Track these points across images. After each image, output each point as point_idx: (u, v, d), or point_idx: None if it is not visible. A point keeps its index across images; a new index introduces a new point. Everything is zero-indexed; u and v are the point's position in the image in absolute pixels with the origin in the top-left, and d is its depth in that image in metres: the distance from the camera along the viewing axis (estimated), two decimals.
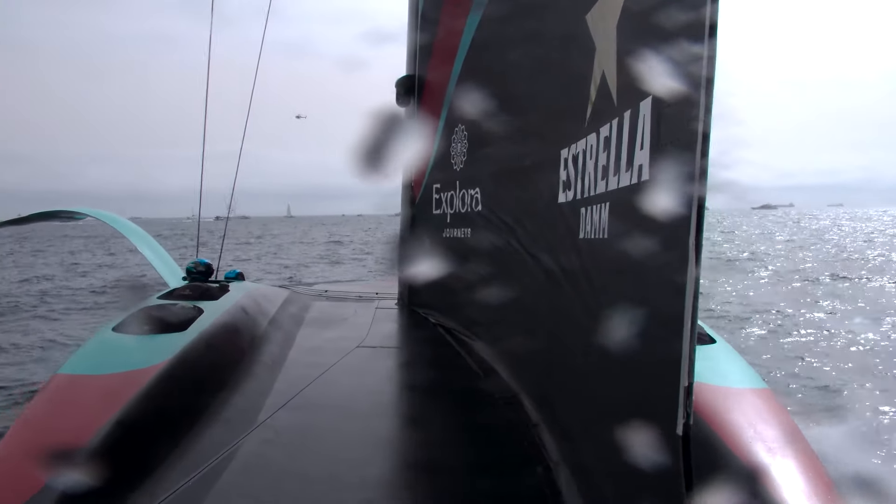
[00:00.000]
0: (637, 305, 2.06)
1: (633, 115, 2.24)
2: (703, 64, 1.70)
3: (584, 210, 2.74)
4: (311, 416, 3.65)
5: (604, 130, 2.56)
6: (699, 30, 1.72)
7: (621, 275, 2.35)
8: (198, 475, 2.79)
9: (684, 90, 1.79)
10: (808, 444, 3.37)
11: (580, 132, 2.84)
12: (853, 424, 7.47)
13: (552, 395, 3.24)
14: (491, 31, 4.82)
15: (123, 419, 3.07)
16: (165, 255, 7.49)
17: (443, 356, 5.11)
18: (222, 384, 3.93)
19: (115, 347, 4.00)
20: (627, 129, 2.29)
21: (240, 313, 5.29)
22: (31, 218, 8.37)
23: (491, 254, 4.51)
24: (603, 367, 2.48)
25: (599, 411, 2.55)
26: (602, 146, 2.57)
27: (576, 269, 2.86)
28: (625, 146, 2.31)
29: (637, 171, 2.17)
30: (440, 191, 6.13)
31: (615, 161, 2.41)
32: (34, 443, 2.94)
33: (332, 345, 5.21)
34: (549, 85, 3.48)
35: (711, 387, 3.65)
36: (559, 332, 3.10)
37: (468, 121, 5.32)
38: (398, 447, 3.51)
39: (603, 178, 2.54)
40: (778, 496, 2.69)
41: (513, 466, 3.01)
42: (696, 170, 1.71)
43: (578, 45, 2.82)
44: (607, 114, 2.51)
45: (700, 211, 1.72)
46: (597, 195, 2.61)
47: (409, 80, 6.78)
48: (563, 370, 3.08)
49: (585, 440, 2.72)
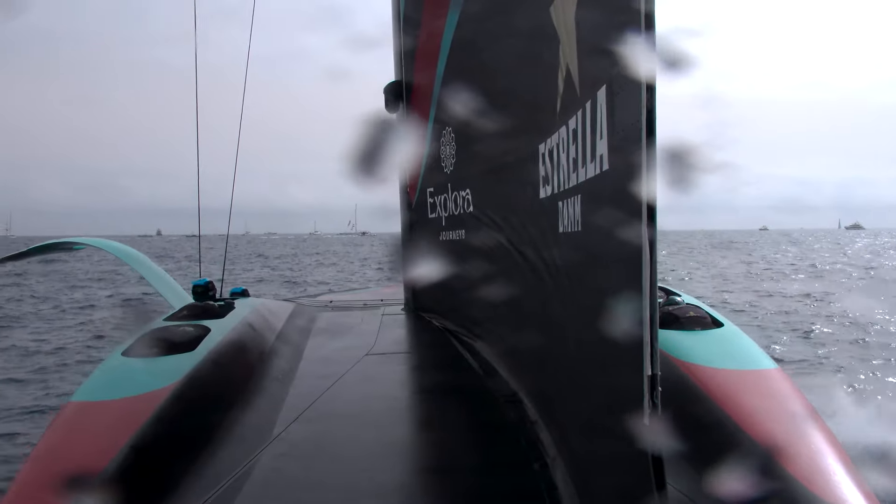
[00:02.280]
0: (606, 298, 2.04)
1: (592, 105, 2.22)
2: (643, 51, 1.69)
3: (562, 204, 2.73)
4: (325, 426, 3.65)
5: (572, 123, 2.54)
6: (646, 17, 1.71)
7: (593, 268, 2.33)
8: (216, 493, 2.81)
9: (631, 77, 1.78)
10: (824, 421, 3.32)
11: (553, 126, 2.82)
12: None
13: (546, 391, 3.23)
14: (469, 29, 4.82)
15: (139, 442, 3.10)
16: (168, 277, 7.56)
17: (449, 359, 5.10)
18: (234, 401, 3.95)
19: (126, 372, 4.03)
20: (589, 119, 2.27)
21: (247, 330, 5.32)
22: (31, 252, 8.42)
23: (484, 254, 4.50)
24: (582, 361, 2.46)
25: (581, 405, 2.54)
26: (571, 138, 2.55)
27: (557, 264, 2.84)
28: (588, 137, 2.29)
29: (599, 161, 2.15)
30: (434, 194, 6.13)
31: (583, 153, 2.39)
32: (51, 471, 2.96)
33: (340, 354, 5.22)
34: (523, 80, 3.46)
35: (721, 370, 3.61)
36: (547, 329, 3.08)
37: (454, 122, 5.31)
38: (413, 453, 3.50)
39: (574, 171, 2.52)
40: (796, 476, 2.66)
41: (517, 466, 3.00)
42: (644, 160, 1.69)
43: (545, 38, 2.81)
44: (574, 105, 2.49)
45: (651, 197, 1.70)
46: (570, 188, 2.59)
47: (396, 86, 6.79)
48: (553, 366, 3.07)
49: (573, 435, 2.70)
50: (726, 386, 3.43)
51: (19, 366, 10.56)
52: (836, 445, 2.99)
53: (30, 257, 8.66)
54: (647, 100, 1.69)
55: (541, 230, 3.15)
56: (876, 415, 6.86)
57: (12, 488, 2.99)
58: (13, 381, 9.39)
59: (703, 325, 4.19)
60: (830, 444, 2.98)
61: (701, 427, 3.17)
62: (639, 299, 1.72)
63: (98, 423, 3.43)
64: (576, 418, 2.62)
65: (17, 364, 10.69)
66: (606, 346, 2.05)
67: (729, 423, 3.07)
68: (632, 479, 1.86)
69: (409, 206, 7.04)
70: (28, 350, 11.93)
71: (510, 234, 3.88)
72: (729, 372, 3.60)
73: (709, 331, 4.16)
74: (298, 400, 4.03)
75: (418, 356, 5.75)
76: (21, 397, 8.50)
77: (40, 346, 12.38)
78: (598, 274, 2.25)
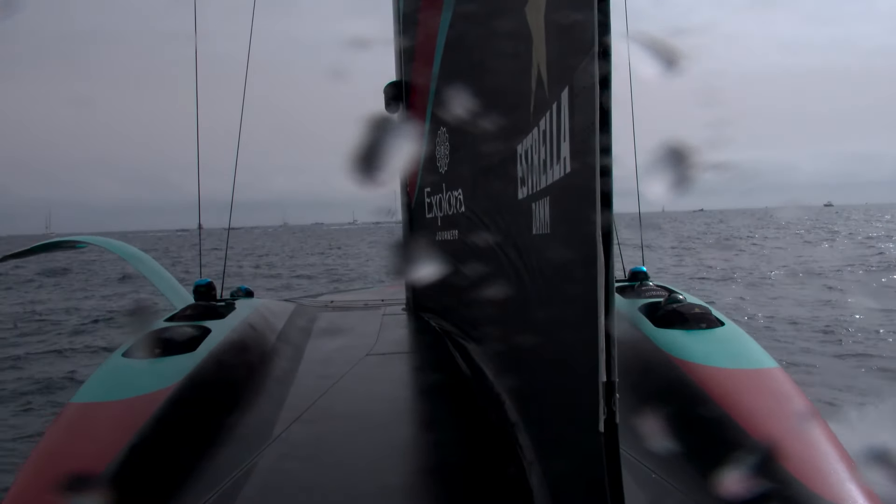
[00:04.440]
0: (569, 302, 2.03)
1: (558, 106, 2.21)
2: (595, 52, 1.68)
3: (535, 205, 2.72)
4: (325, 427, 3.67)
5: (542, 124, 2.53)
6: (603, 17, 1.70)
7: (559, 270, 2.32)
8: (217, 493, 2.83)
9: (588, 78, 1.77)
10: (824, 420, 3.29)
11: (528, 127, 2.82)
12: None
13: (524, 393, 3.23)
14: (460, 29, 4.82)
15: (139, 443, 3.13)
16: (170, 277, 7.63)
17: (447, 361, 5.10)
18: (235, 402, 3.98)
19: (127, 373, 4.08)
20: (555, 120, 2.26)
21: (247, 330, 5.36)
22: (34, 250, 8.53)
23: (475, 254, 4.50)
24: (551, 364, 2.45)
25: (550, 411, 2.53)
26: (541, 139, 2.54)
27: (533, 266, 2.84)
28: (554, 138, 2.29)
29: (563, 163, 2.14)
30: (430, 194, 6.14)
31: (550, 154, 2.38)
32: (52, 472, 2.99)
33: (341, 355, 5.24)
34: (505, 81, 3.46)
35: (723, 370, 3.59)
36: (525, 330, 3.08)
37: (448, 122, 5.32)
38: (413, 454, 3.50)
39: (544, 173, 2.51)
40: (797, 475, 2.64)
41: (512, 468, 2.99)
42: (596, 158, 1.68)
43: (521, 38, 2.80)
44: (544, 106, 2.48)
45: (606, 198, 1.69)
46: (541, 190, 2.59)
47: (396, 86, 6.81)
48: (529, 368, 3.06)
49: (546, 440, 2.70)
50: (727, 385, 3.41)
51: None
52: (838, 445, 2.97)
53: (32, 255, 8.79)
54: (601, 100, 1.68)
55: (520, 231, 3.16)
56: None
57: (13, 489, 3.05)
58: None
59: (705, 323, 4.18)
60: (832, 443, 2.96)
61: (701, 426, 3.15)
62: (594, 302, 1.70)
63: (99, 424, 3.48)
64: (547, 423, 2.62)
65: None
66: (570, 350, 2.04)
67: (729, 423, 3.06)
68: (589, 491, 1.85)
69: (408, 205, 7.06)
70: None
71: (496, 234, 3.89)
72: (730, 371, 3.58)
73: (710, 330, 4.14)
74: (299, 400, 4.05)
75: (418, 357, 5.76)
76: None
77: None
78: (563, 277, 2.24)
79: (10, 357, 11.54)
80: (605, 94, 1.66)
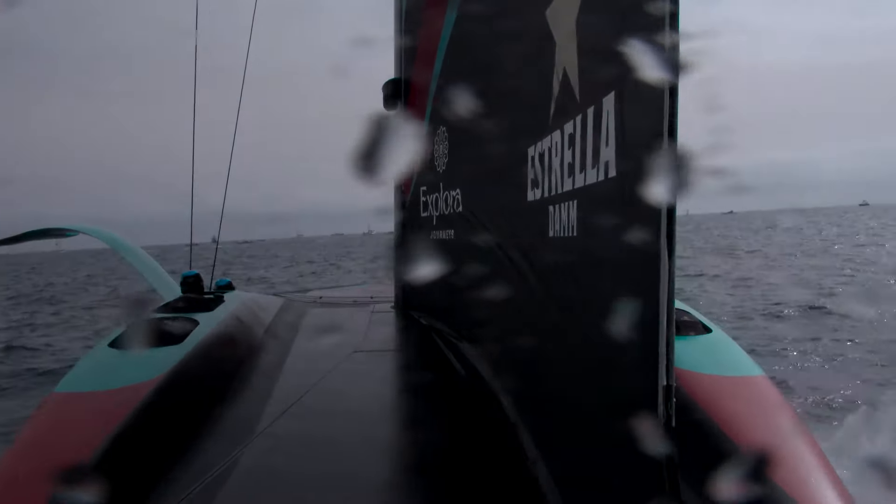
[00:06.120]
0: (611, 304, 2.04)
1: (596, 110, 2.22)
2: (666, 56, 1.68)
3: (553, 208, 2.73)
4: (311, 422, 3.65)
5: (568, 127, 2.55)
6: (660, 22, 1.70)
7: (594, 273, 2.33)
8: (199, 486, 2.80)
9: (648, 83, 1.77)
10: (807, 429, 3.36)
11: (545, 130, 2.83)
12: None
13: (529, 393, 3.23)
14: (464, 30, 4.83)
15: (123, 435, 3.08)
16: (159, 268, 7.54)
17: (436, 359, 5.11)
18: (220, 395, 3.95)
19: (112, 363, 4.01)
20: (591, 125, 2.27)
21: (235, 323, 5.31)
22: (24, 237, 8.47)
23: (471, 255, 4.51)
24: (581, 366, 2.45)
25: (578, 410, 2.53)
26: (567, 143, 2.56)
27: (547, 268, 2.84)
28: (590, 143, 2.29)
29: (604, 167, 2.15)
30: (426, 193, 6.13)
31: (581, 158, 2.39)
32: (33, 463, 2.95)
33: (328, 351, 5.24)
34: (515, 83, 3.47)
35: (708, 376, 3.64)
36: (535, 333, 3.09)
37: (448, 122, 5.32)
38: (398, 451, 3.50)
39: (570, 176, 2.53)
40: (779, 483, 2.68)
41: (502, 467, 3.00)
42: (665, 164, 1.69)
43: (539, 41, 2.81)
44: (571, 110, 2.50)
45: (671, 204, 1.70)
46: (564, 193, 2.60)
47: (395, 84, 6.79)
48: (538, 369, 3.07)
49: (564, 439, 2.71)
50: (712, 391, 3.45)
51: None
52: (820, 453, 3.03)
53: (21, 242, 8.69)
54: (669, 106, 1.68)
55: (528, 233, 3.16)
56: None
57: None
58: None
59: (693, 330, 4.22)
60: (814, 452, 3.01)
61: (685, 432, 3.19)
62: (655, 306, 1.71)
63: (82, 415, 3.41)
64: (569, 424, 2.62)
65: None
66: (614, 352, 2.04)
67: (714, 429, 3.09)
68: (645, 485, 1.86)
69: (402, 204, 7.04)
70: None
71: (497, 235, 3.90)
72: (715, 378, 3.63)
73: (697, 336, 4.19)
74: (285, 395, 4.03)
75: (406, 355, 5.76)
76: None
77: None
78: (601, 279, 2.25)
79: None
80: (672, 100, 1.66)
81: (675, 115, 1.68)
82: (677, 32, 1.68)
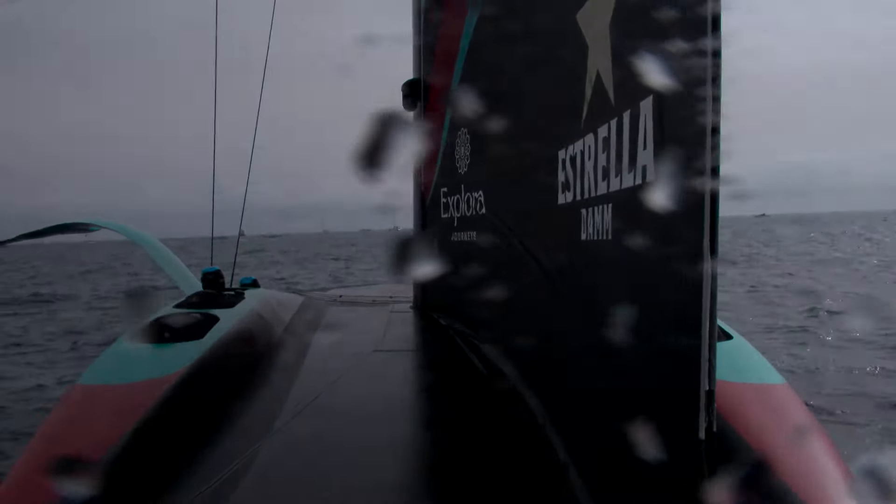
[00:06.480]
0: (650, 307, 2.04)
1: (633, 114, 2.22)
2: (707, 59, 1.67)
3: (585, 211, 2.73)
4: (328, 421, 3.65)
5: (602, 131, 2.55)
6: (702, 24, 1.70)
7: (630, 276, 2.33)
8: (216, 483, 2.81)
9: (688, 87, 1.76)
10: (828, 438, 3.32)
11: (577, 133, 2.83)
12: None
13: (558, 395, 3.24)
14: (487, 32, 4.83)
15: (142, 428, 3.12)
16: (180, 264, 7.60)
17: (455, 359, 5.11)
18: (239, 391, 3.97)
19: (133, 357, 4.06)
20: (628, 129, 2.27)
21: (255, 320, 5.34)
22: (47, 231, 8.58)
23: (495, 256, 4.51)
24: (615, 368, 2.45)
25: (613, 413, 2.53)
26: (601, 147, 2.56)
27: (579, 271, 2.84)
28: (626, 146, 2.29)
29: (641, 171, 2.15)
30: (447, 195, 6.14)
31: (616, 162, 2.39)
32: (55, 454, 2.96)
33: (347, 350, 5.24)
34: (544, 85, 3.47)
35: (729, 384, 3.61)
36: (562, 334, 3.09)
37: (469, 123, 5.33)
38: (414, 451, 3.49)
39: (604, 180, 2.52)
40: (799, 493, 2.66)
41: (522, 467, 3.00)
42: (707, 167, 1.68)
43: (571, 44, 2.81)
44: (605, 114, 2.50)
45: (714, 208, 1.70)
46: (598, 196, 2.60)
47: (414, 84, 6.81)
48: (569, 371, 3.07)
49: (597, 441, 2.71)
50: (732, 398, 3.43)
51: None
52: (841, 464, 3.00)
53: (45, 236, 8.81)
54: (711, 110, 1.68)
55: (558, 236, 3.16)
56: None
57: (15, 468, 3.04)
58: None
59: None
60: (835, 462, 2.98)
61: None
62: (697, 310, 1.71)
63: (103, 408, 3.46)
64: (603, 426, 2.62)
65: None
66: (652, 356, 2.04)
67: (733, 436, 3.07)
68: (683, 489, 1.87)
69: (422, 204, 7.06)
70: None
71: (523, 237, 3.89)
72: (735, 385, 3.60)
73: (718, 343, 4.15)
74: (302, 394, 4.04)
75: (424, 355, 5.76)
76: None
77: None
78: (638, 283, 2.25)
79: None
80: (715, 104, 1.66)
81: (717, 119, 1.68)
82: (720, 35, 1.68)
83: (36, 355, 12.06)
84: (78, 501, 2.54)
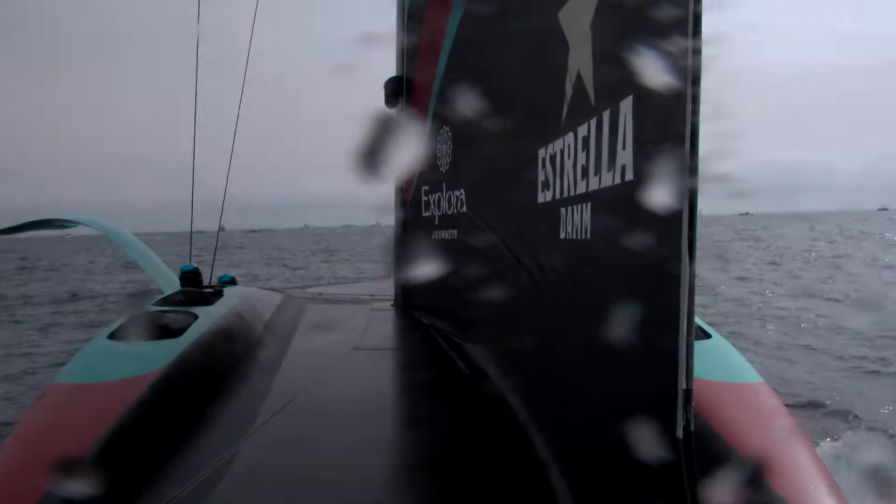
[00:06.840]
0: (628, 306, 2.04)
1: (613, 114, 2.22)
2: (688, 59, 1.68)
3: (564, 210, 2.74)
4: (308, 419, 3.64)
5: (582, 130, 2.55)
6: (682, 24, 1.71)
7: (608, 275, 2.33)
8: (196, 481, 2.79)
9: (669, 87, 1.77)
10: (807, 437, 3.37)
11: (557, 132, 2.84)
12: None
13: (538, 394, 3.24)
14: (470, 30, 4.83)
15: (121, 427, 3.07)
16: (159, 261, 7.51)
17: (435, 358, 5.11)
18: (219, 390, 3.94)
19: (111, 355, 4.00)
20: (607, 128, 2.27)
21: (235, 318, 5.30)
22: (24, 227, 8.44)
23: (476, 255, 4.51)
24: (594, 367, 2.46)
25: (592, 412, 2.54)
26: (581, 146, 2.56)
27: (558, 270, 2.85)
28: (605, 146, 2.29)
29: (620, 170, 2.16)
30: (428, 193, 6.13)
31: (595, 161, 2.39)
32: (32, 453, 2.93)
33: (327, 348, 5.23)
34: (525, 84, 3.47)
35: (707, 382, 3.64)
36: (543, 333, 3.09)
37: (452, 121, 5.33)
38: (395, 449, 3.49)
39: (583, 179, 2.53)
40: (777, 490, 2.69)
41: (503, 466, 3.01)
42: (686, 167, 1.69)
43: (552, 44, 2.82)
44: (584, 113, 2.50)
45: (692, 208, 1.71)
46: (577, 195, 2.60)
47: (396, 82, 6.78)
48: (548, 370, 3.08)
49: (577, 440, 2.72)
50: (710, 397, 3.46)
51: None
52: (819, 461, 3.04)
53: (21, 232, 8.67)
54: (691, 110, 1.69)
55: (538, 234, 3.16)
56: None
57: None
58: None
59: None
60: (813, 459, 3.02)
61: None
62: (675, 308, 1.72)
63: (80, 406, 3.40)
64: (582, 425, 2.63)
65: None
66: (629, 354, 2.05)
67: (711, 435, 3.09)
68: (662, 487, 1.88)
69: (402, 203, 7.04)
70: None
71: (505, 236, 3.90)
72: (714, 384, 3.63)
73: (697, 342, 4.18)
74: (283, 392, 4.03)
75: (405, 353, 5.76)
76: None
77: None
78: (616, 282, 2.25)
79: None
80: (695, 104, 1.67)
81: (696, 119, 1.69)
82: (700, 35, 1.69)
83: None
84: (55, 501, 2.49)
